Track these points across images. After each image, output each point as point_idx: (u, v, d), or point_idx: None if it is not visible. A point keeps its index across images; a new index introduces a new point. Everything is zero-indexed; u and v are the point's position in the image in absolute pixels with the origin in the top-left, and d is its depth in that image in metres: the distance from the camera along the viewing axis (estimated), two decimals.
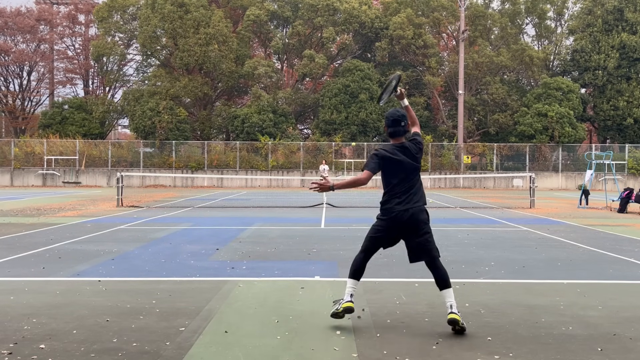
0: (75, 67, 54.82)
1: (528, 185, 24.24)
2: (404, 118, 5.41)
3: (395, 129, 5.38)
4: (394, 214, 5.28)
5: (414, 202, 5.30)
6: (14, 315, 5.71)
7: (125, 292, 6.75)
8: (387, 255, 9.57)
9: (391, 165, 5.33)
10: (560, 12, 49.85)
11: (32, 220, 15.08)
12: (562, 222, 15.53)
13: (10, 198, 24.91)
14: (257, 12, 45.95)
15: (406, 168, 5.33)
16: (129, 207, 19.64)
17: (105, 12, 47.41)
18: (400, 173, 5.33)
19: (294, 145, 42.58)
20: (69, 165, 41.71)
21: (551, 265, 8.77)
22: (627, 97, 44.56)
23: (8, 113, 52.88)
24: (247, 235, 12.20)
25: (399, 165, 5.32)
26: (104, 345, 4.78)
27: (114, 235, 12.07)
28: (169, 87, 44.74)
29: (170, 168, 41.59)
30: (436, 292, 6.90)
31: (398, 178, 5.33)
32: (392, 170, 5.34)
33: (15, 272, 7.94)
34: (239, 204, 22.61)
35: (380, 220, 5.42)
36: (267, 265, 8.61)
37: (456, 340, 4.96)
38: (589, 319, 5.71)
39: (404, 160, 5.32)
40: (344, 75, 44.75)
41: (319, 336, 5.05)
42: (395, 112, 5.42)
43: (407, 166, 5.33)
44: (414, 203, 5.30)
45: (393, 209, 5.29)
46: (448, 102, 50.95)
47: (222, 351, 4.69)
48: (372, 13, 46.41)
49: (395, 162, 5.32)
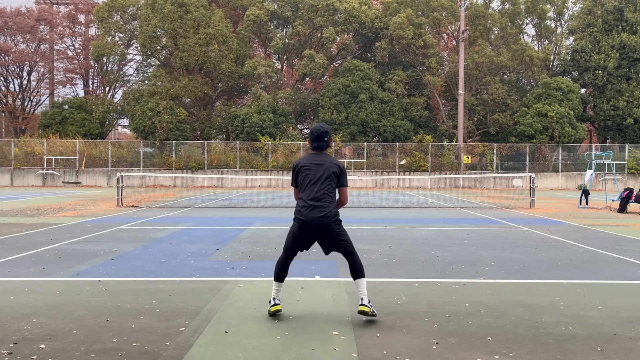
0: (75, 67, 54.81)
1: (528, 185, 24.24)
2: (326, 134, 5.81)
3: (318, 143, 5.81)
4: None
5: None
6: (14, 315, 5.71)
7: (125, 292, 6.75)
8: (387, 255, 9.57)
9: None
10: (560, 12, 49.85)
11: (32, 220, 15.08)
12: (562, 222, 15.53)
13: (10, 198, 24.91)
14: (257, 12, 45.96)
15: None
16: (129, 207, 19.64)
17: (105, 12, 47.40)
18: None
19: (294, 145, 42.58)
20: (69, 165, 41.71)
21: (551, 265, 8.77)
22: (627, 97, 44.55)
23: (8, 113, 52.89)
24: (247, 235, 12.20)
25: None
26: (104, 345, 4.78)
27: (114, 235, 12.07)
28: (169, 87, 44.74)
29: (170, 168, 41.60)
30: (436, 292, 6.92)
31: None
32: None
33: (15, 272, 7.94)
34: (239, 204, 22.61)
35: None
36: (267, 265, 8.60)
37: (456, 340, 4.96)
38: (589, 319, 5.71)
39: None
40: (344, 75, 44.75)
41: (319, 336, 5.05)
42: (319, 128, 5.81)
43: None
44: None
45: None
46: (448, 102, 50.95)
47: (222, 351, 4.69)
48: (372, 13, 46.41)
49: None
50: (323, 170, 5.64)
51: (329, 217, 5.55)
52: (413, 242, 11.37)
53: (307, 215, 5.55)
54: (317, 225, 5.54)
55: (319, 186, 5.60)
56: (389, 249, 10.24)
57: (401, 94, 45.14)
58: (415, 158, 41.75)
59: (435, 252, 9.93)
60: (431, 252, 9.94)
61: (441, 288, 7.08)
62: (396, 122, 44.04)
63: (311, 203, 5.57)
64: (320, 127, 5.79)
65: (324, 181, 5.62)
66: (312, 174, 5.66)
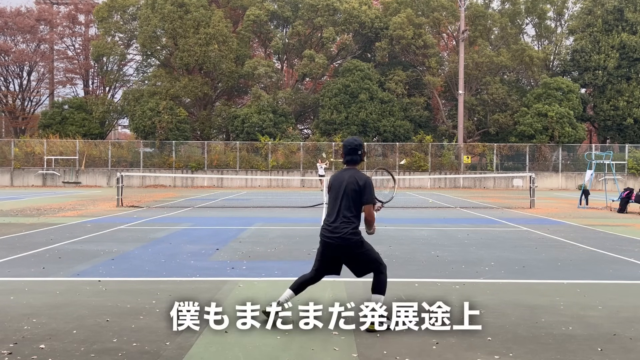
0: (75, 67, 54.79)
1: (528, 185, 24.24)
2: (360, 147, 5.56)
3: (351, 157, 5.56)
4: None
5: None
6: (14, 315, 5.71)
7: (125, 292, 6.75)
8: (387, 255, 9.57)
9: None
10: (560, 12, 49.83)
11: (32, 220, 15.08)
12: (562, 222, 15.53)
13: (10, 198, 24.91)
14: (257, 12, 45.95)
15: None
16: (129, 207, 19.63)
17: (105, 12, 47.38)
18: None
19: (294, 146, 42.57)
20: (69, 165, 41.70)
21: (551, 265, 8.77)
22: (627, 97, 44.54)
23: (8, 113, 52.86)
24: (247, 235, 12.20)
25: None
26: (104, 345, 4.78)
27: (114, 235, 12.07)
28: (169, 87, 44.72)
29: (170, 168, 41.58)
30: (436, 292, 6.91)
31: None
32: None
33: (15, 272, 7.94)
34: (239, 204, 22.60)
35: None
36: (267, 265, 8.60)
37: (456, 340, 4.96)
38: (589, 319, 5.71)
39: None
40: (344, 75, 44.73)
41: (319, 336, 5.05)
42: (353, 142, 5.57)
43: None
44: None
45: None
46: (448, 102, 50.92)
47: (222, 351, 4.69)
48: (372, 13, 46.39)
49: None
50: (343, 187, 5.41)
51: (347, 238, 5.33)
52: (413, 242, 11.37)
53: (326, 235, 5.43)
54: (336, 246, 5.37)
55: (338, 205, 5.41)
56: (389, 249, 10.24)
57: (401, 94, 45.13)
58: (415, 158, 41.75)
59: (435, 252, 9.93)
60: (431, 252, 9.94)
61: (441, 288, 7.08)
62: (396, 122, 44.04)
63: (329, 223, 5.42)
64: (354, 141, 5.55)
65: (342, 200, 5.40)
66: (334, 192, 5.49)
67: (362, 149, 5.54)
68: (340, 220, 5.36)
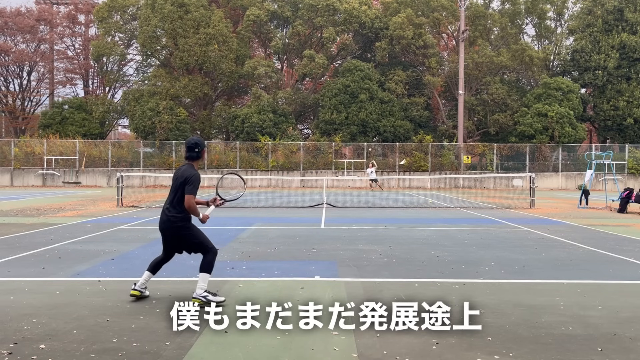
0: (75, 67, 54.79)
1: (528, 185, 24.24)
2: (197, 145, 6.38)
3: (189, 154, 6.39)
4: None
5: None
6: (14, 315, 5.71)
7: (125, 292, 6.75)
8: (387, 255, 9.57)
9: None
10: (560, 12, 49.84)
11: (32, 220, 15.08)
12: (562, 222, 15.53)
13: (10, 198, 24.90)
14: (257, 12, 45.95)
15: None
16: (129, 207, 19.63)
17: (105, 12, 47.38)
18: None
19: (294, 146, 42.57)
20: (69, 165, 41.70)
21: (551, 265, 8.77)
22: (627, 97, 44.54)
23: (8, 113, 52.87)
24: (247, 235, 12.20)
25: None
26: (104, 345, 4.78)
27: (114, 235, 12.07)
28: (169, 87, 44.72)
29: (170, 168, 41.56)
30: (437, 292, 6.91)
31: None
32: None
33: (15, 272, 7.94)
34: (239, 204, 22.58)
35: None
36: (267, 265, 8.61)
37: (456, 340, 4.96)
38: (589, 319, 5.71)
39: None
40: (344, 75, 44.73)
41: (319, 336, 5.05)
42: (191, 140, 6.41)
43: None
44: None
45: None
46: (448, 102, 50.92)
47: (222, 351, 4.69)
48: (372, 13, 46.40)
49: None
50: (177, 179, 6.30)
51: (171, 222, 6.26)
52: (413, 242, 11.37)
53: (160, 220, 6.38)
54: (163, 229, 6.36)
55: (172, 194, 6.29)
56: (389, 249, 10.24)
57: (401, 94, 45.13)
58: (415, 158, 41.75)
59: (435, 252, 9.93)
60: (431, 252, 9.94)
61: (441, 288, 7.08)
62: (396, 122, 44.04)
63: (163, 210, 6.35)
64: (192, 140, 6.40)
65: (174, 189, 6.30)
66: (172, 182, 6.38)
67: (199, 147, 6.36)
68: (169, 206, 6.28)
